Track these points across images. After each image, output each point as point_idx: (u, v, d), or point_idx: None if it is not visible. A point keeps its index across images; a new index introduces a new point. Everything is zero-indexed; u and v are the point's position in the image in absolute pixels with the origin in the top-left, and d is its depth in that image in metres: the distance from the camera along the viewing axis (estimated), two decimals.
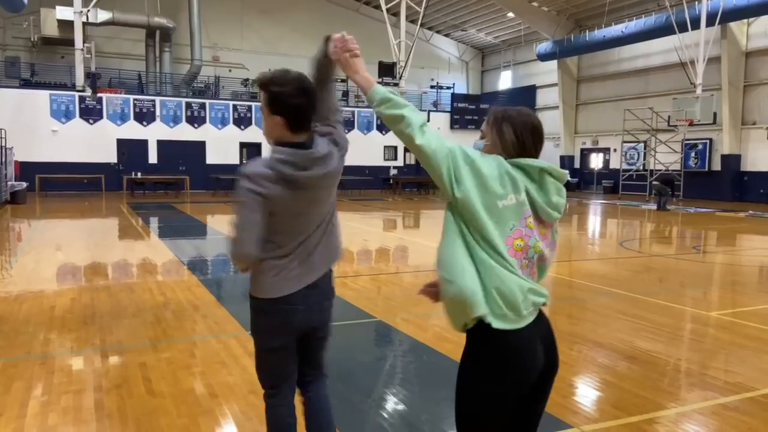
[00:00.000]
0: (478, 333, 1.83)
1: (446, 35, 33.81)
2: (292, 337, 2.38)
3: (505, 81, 33.70)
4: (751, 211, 18.41)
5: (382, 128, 27.67)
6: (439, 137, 1.84)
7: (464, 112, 30.69)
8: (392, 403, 3.63)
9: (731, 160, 22.73)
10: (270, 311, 2.32)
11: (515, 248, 1.82)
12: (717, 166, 23.38)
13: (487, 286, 1.79)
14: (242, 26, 28.51)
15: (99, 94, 22.88)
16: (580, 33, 27.31)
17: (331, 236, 2.39)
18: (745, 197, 22.38)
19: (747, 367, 4.34)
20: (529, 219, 1.84)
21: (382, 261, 9.37)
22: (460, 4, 29.12)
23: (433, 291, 2.05)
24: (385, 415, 3.46)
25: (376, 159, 28.46)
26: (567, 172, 1.92)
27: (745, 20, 21.82)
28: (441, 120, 29.84)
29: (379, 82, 1.92)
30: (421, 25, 24.51)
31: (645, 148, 25.69)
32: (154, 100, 24.70)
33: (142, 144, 24.45)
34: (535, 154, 1.92)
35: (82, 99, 22.82)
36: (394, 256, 10.01)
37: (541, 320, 1.92)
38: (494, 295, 1.78)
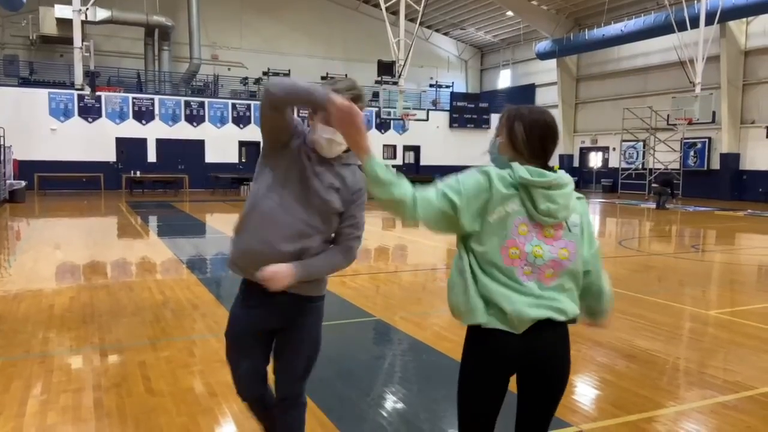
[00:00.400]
0: (470, 326, 1.94)
1: (445, 34, 33.79)
2: None
3: (504, 80, 33.69)
4: (749, 210, 18.43)
5: (381, 127, 27.61)
6: (428, 201, 1.82)
7: (463, 111, 30.64)
8: (391, 402, 3.64)
9: (730, 159, 22.75)
10: (322, 305, 2.44)
11: (511, 257, 1.83)
12: (716, 164, 23.40)
13: (485, 296, 1.83)
14: (241, 25, 28.47)
15: (98, 93, 22.82)
16: (579, 32, 27.30)
17: None
18: (744, 196, 22.40)
19: (746, 365, 4.34)
20: (521, 226, 1.83)
21: (381, 260, 9.37)
22: (460, 2, 29.08)
23: None
24: (384, 414, 3.46)
25: None
26: (553, 176, 1.84)
27: (744, 19, 21.83)
28: (440, 119, 29.81)
29: (377, 81, 1.92)
30: (421, 23, 24.46)
31: (644, 147, 25.72)
32: (152, 99, 24.67)
33: (141, 143, 24.42)
34: (544, 153, 1.90)
35: (80, 97, 22.76)
36: (393, 254, 10.01)
37: (547, 333, 1.86)
38: (491, 305, 1.83)
